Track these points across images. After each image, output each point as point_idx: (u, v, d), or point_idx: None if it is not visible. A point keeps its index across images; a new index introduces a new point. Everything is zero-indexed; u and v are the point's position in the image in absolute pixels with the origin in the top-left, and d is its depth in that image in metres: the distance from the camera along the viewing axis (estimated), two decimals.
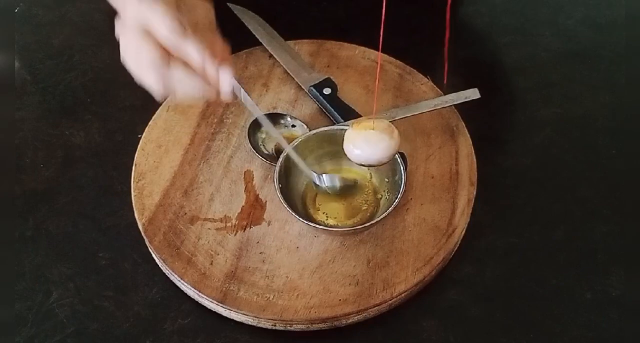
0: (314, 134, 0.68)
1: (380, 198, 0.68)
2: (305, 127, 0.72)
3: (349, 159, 0.63)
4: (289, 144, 0.67)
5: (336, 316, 0.61)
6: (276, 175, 0.65)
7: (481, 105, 0.73)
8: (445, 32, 0.67)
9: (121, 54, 0.59)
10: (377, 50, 0.79)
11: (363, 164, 0.63)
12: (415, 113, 0.72)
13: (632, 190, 0.72)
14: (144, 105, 0.77)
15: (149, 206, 0.67)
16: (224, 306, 0.62)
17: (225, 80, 0.58)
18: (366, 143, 0.61)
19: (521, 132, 0.77)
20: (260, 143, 0.72)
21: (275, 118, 0.73)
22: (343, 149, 0.63)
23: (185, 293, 0.65)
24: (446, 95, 0.73)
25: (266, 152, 0.71)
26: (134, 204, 0.68)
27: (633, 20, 0.88)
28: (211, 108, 0.75)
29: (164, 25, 0.57)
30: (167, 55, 0.57)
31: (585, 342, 0.63)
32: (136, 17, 0.58)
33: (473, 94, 0.72)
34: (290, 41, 0.81)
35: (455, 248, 0.67)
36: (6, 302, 0.64)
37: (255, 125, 0.72)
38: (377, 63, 0.78)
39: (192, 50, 0.57)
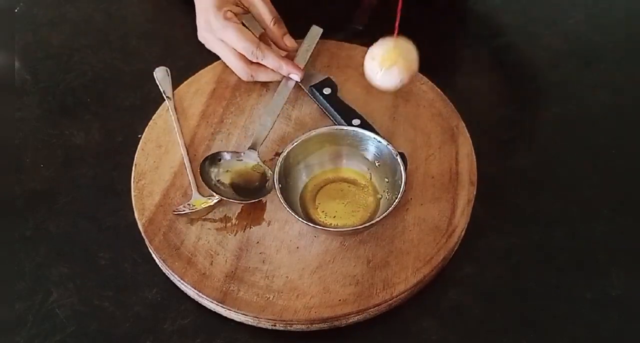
0: (314, 134, 0.68)
1: (380, 198, 0.68)
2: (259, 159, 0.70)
3: (372, 84, 0.64)
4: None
5: (336, 316, 0.61)
6: (276, 176, 0.65)
7: (481, 105, 0.73)
8: (454, 30, 0.67)
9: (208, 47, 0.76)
10: None
11: (388, 87, 0.64)
12: None
13: (632, 190, 0.72)
14: (144, 105, 0.77)
15: (149, 206, 0.67)
16: (224, 306, 0.62)
17: (296, 77, 0.75)
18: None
19: (521, 132, 0.77)
20: (214, 180, 0.68)
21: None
22: (366, 74, 0.64)
23: (185, 293, 0.65)
24: None
25: (223, 188, 0.68)
26: (134, 204, 0.68)
27: (633, 20, 0.88)
28: (211, 108, 0.75)
29: (239, 46, 0.72)
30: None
31: (585, 342, 0.63)
32: (212, 29, 0.73)
33: None
34: None
35: (455, 248, 0.67)
36: (6, 302, 0.64)
37: (212, 161, 0.69)
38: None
39: (268, 64, 0.73)
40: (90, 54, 0.84)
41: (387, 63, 0.61)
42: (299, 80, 0.75)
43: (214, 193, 0.67)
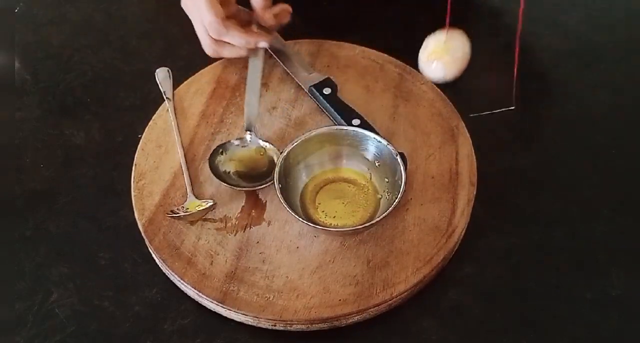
0: (314, 134, 0.68)
1: (380, 198, 0.68)
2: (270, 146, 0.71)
3: (430, 77, 0.70)
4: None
5: (336, 316, 0.61)
6: (276, 175, 0.65)
7: (481, 105, 0.73)
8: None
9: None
10: (377, 50, 0.79)
11: (433, 80, 0.69)
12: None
13: (632, 190, 0.72)
14: (144, 105, 0.77)
15: (149, 206, 0.67)
16: (224, 306, 0.62)
17: (265, 43, 0.72)
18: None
19: (521, 132, 0.77)
20: (221, 169, 0.70)
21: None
22: (422, 67, 0.68)
23: (185, 293, 0.65)
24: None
25: (232, 177, 0.69)
26: (134, 204, 0.68)
27: (633, 20, 0.88)
28: (211, 108, 0.75)
29: (205, 19, 0.70)
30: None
31: (585, 342, 0.63)
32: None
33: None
34: (290, 41, 0.81)
35: (455, 248, 0.67)
36: (6, 302, 0.64)
37: (218, 152, 0.70)
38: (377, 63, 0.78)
39: (232, 41, 0.71)
40: (90, 54, 0.84)
41: (433, 56, 0.64)
42: (268, 46, 0.73)
43: (210, 198, 0.67)
